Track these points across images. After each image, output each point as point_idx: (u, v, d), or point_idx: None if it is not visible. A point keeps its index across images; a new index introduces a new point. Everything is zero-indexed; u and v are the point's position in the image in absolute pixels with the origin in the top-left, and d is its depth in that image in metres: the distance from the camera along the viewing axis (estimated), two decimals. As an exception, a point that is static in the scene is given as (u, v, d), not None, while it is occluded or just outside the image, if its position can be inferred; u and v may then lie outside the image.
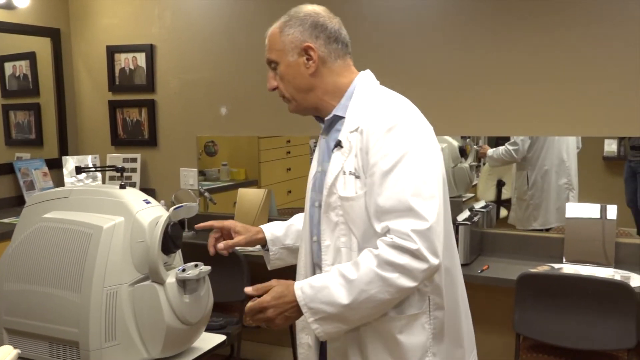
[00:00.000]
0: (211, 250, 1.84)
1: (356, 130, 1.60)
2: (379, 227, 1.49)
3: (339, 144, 1.63)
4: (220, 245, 1.81)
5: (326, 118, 1.70)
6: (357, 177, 1.58)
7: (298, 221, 1.93)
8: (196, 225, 1.86)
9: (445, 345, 1.64)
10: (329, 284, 1.50)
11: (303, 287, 1.53)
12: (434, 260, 1.45)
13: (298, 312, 1.53)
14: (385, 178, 1.50)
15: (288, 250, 1.92)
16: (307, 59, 1.66)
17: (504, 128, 3.35)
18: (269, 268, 1.96)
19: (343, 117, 1.66)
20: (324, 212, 1.64)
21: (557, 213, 3.48)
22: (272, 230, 1.92)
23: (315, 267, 1.72)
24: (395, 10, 3.42)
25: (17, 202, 4.06)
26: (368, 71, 1.74)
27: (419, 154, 1.52)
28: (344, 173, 1.60)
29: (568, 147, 3.46)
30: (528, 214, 3.57)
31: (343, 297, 1.47)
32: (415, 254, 1.43)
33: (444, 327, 1.63)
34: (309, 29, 1.67)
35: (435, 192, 1.50)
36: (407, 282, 1.45)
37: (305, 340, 1.74)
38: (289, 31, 1.68)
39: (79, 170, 1.96)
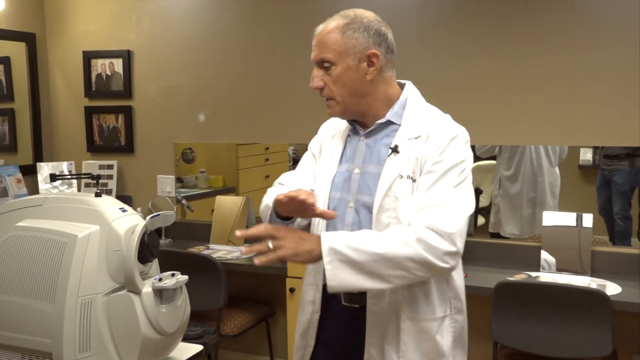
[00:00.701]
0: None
1: (416, 137, 1.69)
2: (417, 213, 1.59)
3: (395, 149, 1.70)
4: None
5: (378, 122, 1.75)
6: (414, 180, 1.66)
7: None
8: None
9: (460, 351, 1.79)
10: (358, 234, 1.58)
11: (330, 233, 1.59)
12: (460, 246, 1.57)
13: (311, 251, 1.55)
14: (442, 177, 1.62)
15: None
16: (369, 66, 1.70)
17: (491, 137, 3.36)
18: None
19: (395, 124, 1.74)
20: (376, 214, 1.68)
21: (524, 223, 3.50)
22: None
23: None
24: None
25: (-10, 209, 3.99)
26: (411, 83, 1.83)
27: (470, 164, 1.69)
28: (401, 177, 1.67)
29: (541, 162, 3.48)
30: (498, 219, 3.58)
31: (369, 246, 1.54)
32: (445, 237, 1.55)
33: (463, 331, 1.79)
34: (373, 36, 1.71)
35: (473, 201, 1.66)
36: (432, 259, 1.53)
37: (305, 342, 1.83)
38: (353, 35, 1.69)
39: (53, 177, 1.92)
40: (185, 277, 1.76)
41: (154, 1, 4.06)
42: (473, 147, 3.60)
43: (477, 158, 3.51)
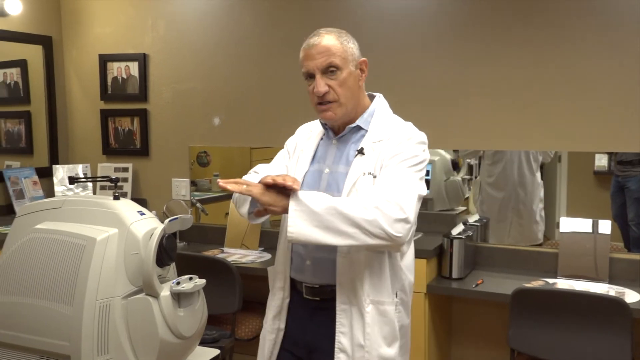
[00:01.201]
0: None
1: (379, 141, 1.87)
2: (374, 188, 1.78)
3: (361, 151, 1.88)
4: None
5: (349, 126, 1.93)
6: (375, 176, 1.84)
7: None
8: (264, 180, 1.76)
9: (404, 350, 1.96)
10: (326, 195, 1.76)
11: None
12: (410, 215, 1.72)
13: (282, 200, 1.71)
14: (396, 166, 1.79)
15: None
16: (361, 72, 1.92)
17: (495, 142, 3.36)
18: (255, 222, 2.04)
19: (363, 129, 1.93)
20: None
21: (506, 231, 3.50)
22: None
23: (300, 256, 1.92)
24: (387, 26, 3.43)
25: (7, 211, 4.01)
26: (382, 96, 2.01)
27: (424, 162, 1.86)
28: (364, 174, 1.84)
29: (523, 170, 3.45)
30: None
31: (331, 201, 1.70)
32: (396, 205, 1.70)
33: (407, 331, 1.96)
34: (358, 48, 1.92)
35: (424, 185, 1.85)
36: (384, 224, 1.67)
37: (276, 325, 1.95)
38: (348, 45, 1.88)
39: (72, 180, 1.92)
40: (203, 281, 1.75)
41: (170, 5, 4.07)
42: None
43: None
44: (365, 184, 1.83)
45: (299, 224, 1.69)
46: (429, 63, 3.42)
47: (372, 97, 2.01)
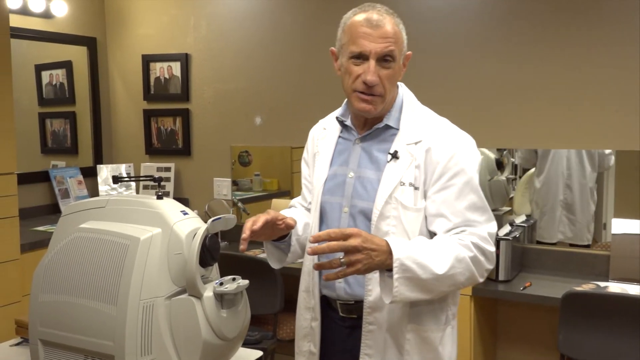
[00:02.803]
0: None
1: (416, 143, 1.66)
2: (457, 229, 1.59)
3: (395, 155, 1.66)
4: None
5: (376, 126, 1.71)
6: (416, 188, 1.64)
7: (300, 213, 1.90)
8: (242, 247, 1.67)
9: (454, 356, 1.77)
10: (427, 251, 1.53)
11: (398, 244, 1.51)
12: (493, 264, 1.63)
13: (380, 264, 1.48)
14: (463, 190, 1.61)
15: (299, 245, 1.84)
16: (403, 66, 1.69)
17: (540, 141, 3.27)
18: (278, 266, 1.87)
19: (393, 128, 1.70)
20: (376, 221, 1.64)
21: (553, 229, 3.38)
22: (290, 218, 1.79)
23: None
24: (425, 23, 3.36)
25: (52, 210, 4.08)
26: (404, 84, 1.77)
27: (478, 170, 1.67)
28: (402, 184, 1.64)
29: (571, 167, 3.35)
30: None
31: (439, 266, 1.51)
32: (490, 256, 1.60)
33: (455, 335, 1.76)
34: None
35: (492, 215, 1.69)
36: (479, 278, 1.59)
37: (306, 348, 1.78)
38: (403, 34, 1.66)
39: (116, 179, 1.92)
40: (246, 281, 1.72)
41: (212, 5, 4.08)
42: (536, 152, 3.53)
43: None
44: (406, 196, 1.63)
45: (402, 293, 1.50)
46: (472, 61, 3.34)
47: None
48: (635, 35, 2.96)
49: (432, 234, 1.65)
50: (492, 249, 1.61)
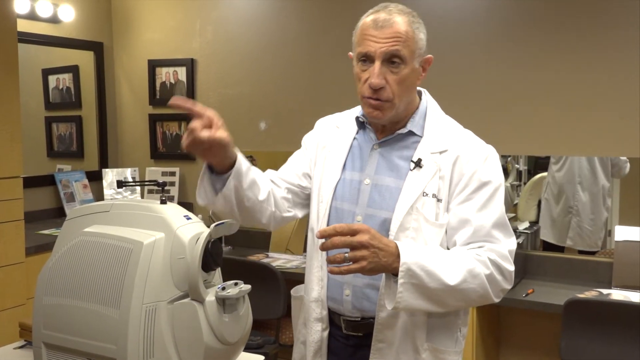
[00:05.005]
0: (204, 135, 1.52)
1: (441, 152, 1.58)
2: (472, 240, 1.52)
3: (418, 164, 1.57)
4: (206, 133, 1.53)
5: (399, 132, 1.62)
6: (439, 200, 1.56)
7: (259, 173, 1.74)
8: (172, 100, 1.54)
9: None
10: (439, 259, 1.46)
11: (408, 247, 1.44)
12: (511, 285, 1.55)
13: (386, 266, 1.40)
14: (487, 204, 1.53)
15: (236, 192, 1.67)
16: (423, 71, 1.60)
17: (546, 148, 3.27)
18: (203, 202, 1.69)
19: (417, 135, 1.62)
20: (395, 232, 1.55)
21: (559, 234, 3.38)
22: (242, 161, 1.65)
23: (338, 283, 1.64)
24: (437, 28, 3.37)
25: (58, 214, 4.10)
26: (427, 91, 1.70)
27: (503, 183, 1.60)
28: (425, 194, 1.55)
29: (582, 173, 3.34)
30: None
31: (449, 277, 1.44)
32: (508, 276, 1.52)
33: None
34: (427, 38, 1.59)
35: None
36: (493, 297, 1.51)
37: (318, 328, 1.67)
38: (419, 35, 1.56)
39: (121, 184, 1.93)
40: (248, 286, 1.73)
41: (218, 10, 4.10)
42: (541, 159, 3.54)
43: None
44: (427, 209, 1.54)
45: (406, 299, 1.42)
46: (479, 67, 3.35)
47: (418, 93, 1.69)
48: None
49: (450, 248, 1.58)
50: (512, 268, 1.52)
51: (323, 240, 1.43)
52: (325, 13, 3.74)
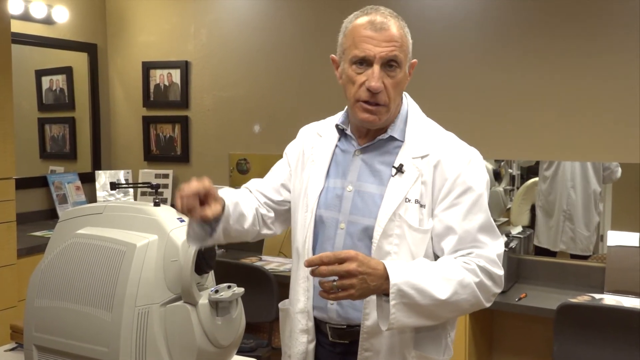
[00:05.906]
0: (207, 213, 1.48)
1: (423, 157, 1.56)
2: (460, 247, 1.50)
3: (400, 169, 1.55)
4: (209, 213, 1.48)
5: (379, 137, 1.59)
6: (422, 206, 1.53)
7: (244, 200, 1.71)
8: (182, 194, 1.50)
9: None
10: (428, 275, 1.44)
11: (396, 267, 1.41)
12: (501, 288, 1.53)
13: (375, 289, 1.39)
14: (471, 209, 1.51)
15: (225, 231, 1.63)
16: (409, 74, 1.59)
17: (539, 152, 3.28)
18: (196, 246, 1.58)
19: (398, 140, 1.60)
20: (378, 240, 1.53)
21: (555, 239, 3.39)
22: (228, 202, 1.62)
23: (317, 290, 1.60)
24: (429, 31, 3.38)
25: (50, 216, 4.08)
26: (408, 94, 1.67)
27: (487, 188, 1.57)
28: (408, 200, 1.53)
29: (575, 178, 3.35)
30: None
31: (440, 292, 1.42)
32: (498, 281, 1.50)
33: None
34: None
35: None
36: (485, 303, 1.50)
37: (303, 340, 1.65)
38: (409, 39, 1.56)
39: (114, 186, 1.93)
40: (242, 289, 1.73)
41: (213, 13, 4.10)
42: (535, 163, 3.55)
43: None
44: (411, 215, 1.52)
45: (399, 319, 1.40)
46: (473, 72, 3.36)
47: None
48: None
49: (436, 255, 1.56)
50: (501, 272, 1.50)
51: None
52: (319, 16, 3.74)
